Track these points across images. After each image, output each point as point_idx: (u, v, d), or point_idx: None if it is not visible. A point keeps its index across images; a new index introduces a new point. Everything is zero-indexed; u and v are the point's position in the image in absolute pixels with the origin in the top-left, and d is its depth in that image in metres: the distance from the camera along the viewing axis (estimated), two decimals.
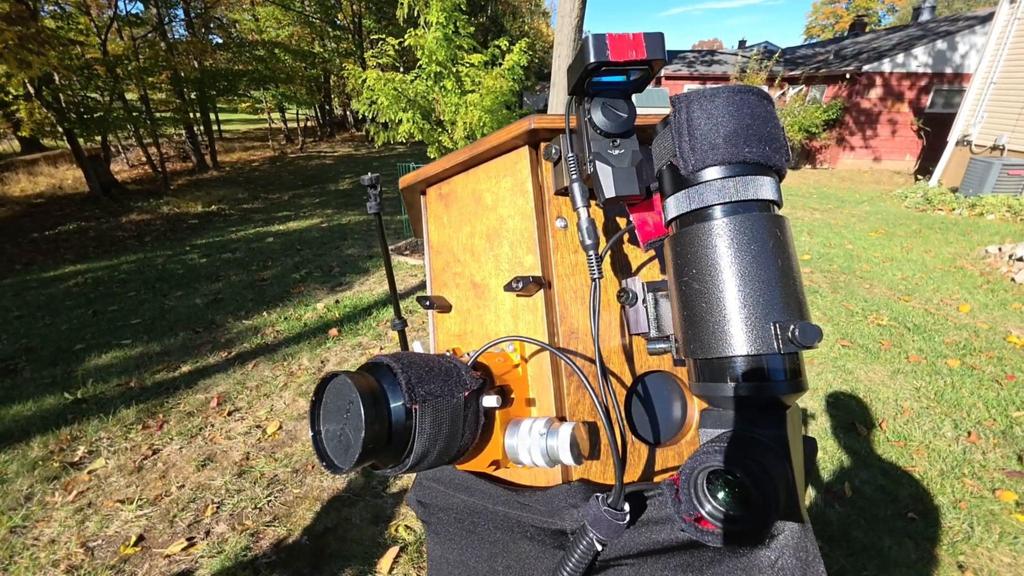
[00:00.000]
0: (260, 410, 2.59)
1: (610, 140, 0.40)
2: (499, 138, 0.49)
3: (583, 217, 0.41)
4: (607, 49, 0.35)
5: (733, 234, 0.33)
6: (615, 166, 0.40)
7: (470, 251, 0.56)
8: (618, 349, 0.50)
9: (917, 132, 11.98)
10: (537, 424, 0.42)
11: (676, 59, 16.84)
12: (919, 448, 2.20)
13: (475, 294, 0.56)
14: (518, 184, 0.50)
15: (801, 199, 8.35)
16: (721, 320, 0.33)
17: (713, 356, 0.33)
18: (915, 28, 14.14)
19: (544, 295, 0.48)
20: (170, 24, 13.36)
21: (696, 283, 0.34)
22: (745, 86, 0.35)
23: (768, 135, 0.34)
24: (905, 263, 4.70)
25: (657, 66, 0.37)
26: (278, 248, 5.90)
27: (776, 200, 0.35)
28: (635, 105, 0.41)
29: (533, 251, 0.49)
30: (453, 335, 0.59)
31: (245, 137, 20.41)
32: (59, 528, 1.86)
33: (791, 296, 0.32)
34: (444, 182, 0.59)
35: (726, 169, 0.34)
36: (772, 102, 0.36)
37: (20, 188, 11.30)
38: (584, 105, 0.40)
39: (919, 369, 2.81)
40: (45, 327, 3.75)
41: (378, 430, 0.35)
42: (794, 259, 0.34)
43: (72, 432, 2.43)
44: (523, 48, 4.99)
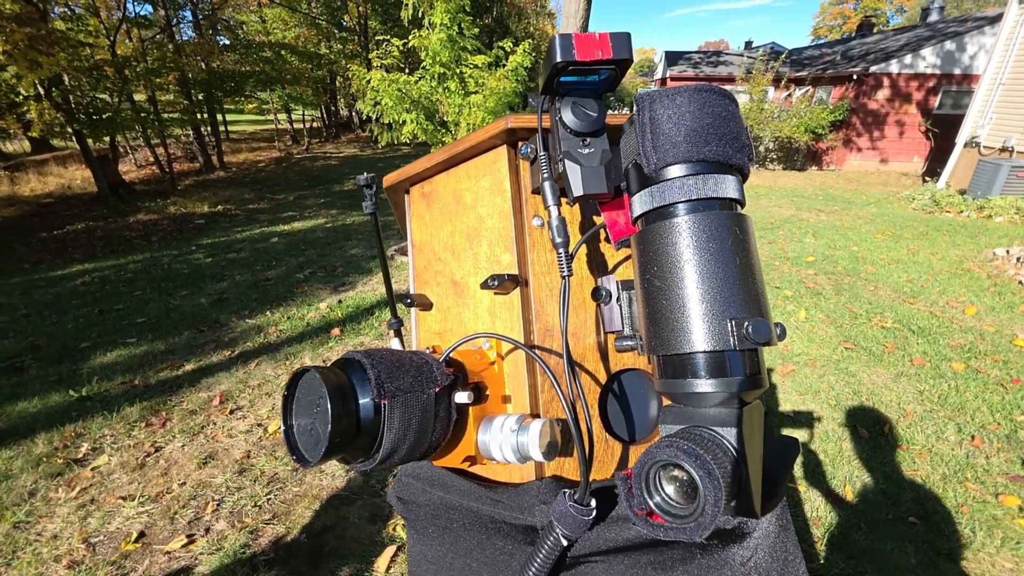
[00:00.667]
0: (262, 409, 2.60)
1: (580, 139, 0.41)
2: (478, 137, 0.49)
3: (553, 215, 0.42)
4: (573, 49, 0.35)
5: (693, 232, 0.33)
6: (584, 165, 0.40)
7: (451, 250, 0.57)
8: (593, 347, 0.50)
9: (925, 133, 11.88)
10: (509, 420, 0.42)
11: (681, 60, 16.81)
12: (921, 452, 2.18)
13: (455, 292, 0.56)
14: (496, 183, 0.51)
15: (807, 201, 8.30)
16: (681, 317, 0.33)
17: (673, 352, 0.34)
18: (923, 29, 14.03)
19: (520, 293, 0.49)
20: (178, 26, 13.50)
21: (658, 280, 0.34)
22: (707, 85, 0.35)
23: (729, 134, 0.34)
24: (911, 265, 4.66)
25: (625, 66, 0.37)
26: (282, 248, 5.94)
27: (738, 198, 0.35)
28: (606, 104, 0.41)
29: (510, 249, 0.49)
30: (434, 333, 0.60)
31: (251, 138, 20.57)
32: (62, 524, 1.88)
33: (749, 293, 0.33)
34: (426, 181, 0.60)
35: (688, 167, 0.34)
36: (735, 102, 0.36)
37: (30, 188, 11.44)
38: (556, 104, 0.41)
39: (923, 372, 2.78)
40: (52, 325, 3.79)
41: (346, 425, 0.35)
42: (754, 257, 0.34)
43: (76, 429, 2.45)
44: (527, 49, 4.99)
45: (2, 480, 2.11)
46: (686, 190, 0.34)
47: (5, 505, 1.97)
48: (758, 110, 11.64)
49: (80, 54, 9.62)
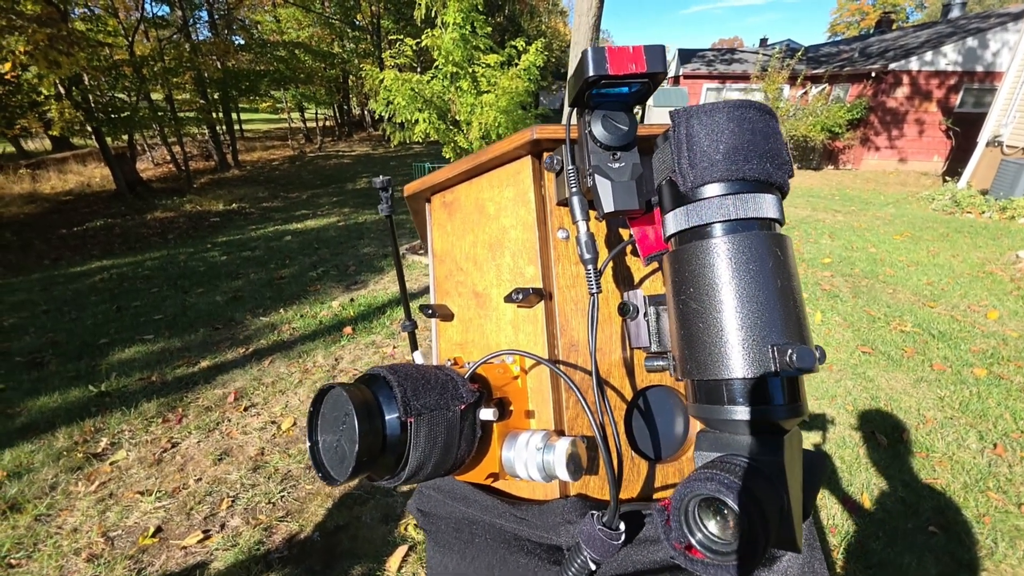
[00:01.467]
0: (275, 406, 2.63)
1: (610, 153, 0.40)
2: (502, 148, 0.48)
3: (582, 231, 0.41)
4: (606, 62, 0.34)
5: (732, 253, 0.32)
6: (614, 180, 0.39)
7: (472, 260, 0.56)
8: (619, 363, 0.49)
9: (946, 132, 11.63)
10: (534, 438, 0.42)
11: (695, 58, 16.62)
12: (942, 460, 2.13)
13: (476, 303, 0.56)
14: (520, 194, 0.50)
15: (823, 201, 8.17)
16: (718, 341, 0.32)
17: (710, 378, 0.33)
18: (944, 25, 13.71)
19: (544, 307, 0.48)
20: (194, 26, 13.67)
21: (694, 302, 0.34)
22: (746, 101, 0.34)
23: (769, 151, 0.33)
24: (931, 268, 4.56)
25: (659, 79, 0.36)
26: (296, 247, 6.00)
27: (778, 218, 0.34)
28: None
29: (534, 262, 0.48)
30: (455, 344, 0.59)
31: (266, 136, 20.80)
32: (81, 517, 1.92)
33: (790, 318, 0.32)
34: (448, 190, 0.59)
35: (726, 186, 0.33)
36: (775, 117, 0.35)
37: (51, 186, 11.68)
38: (585, 117, 0.40)
39: (943, 378, 2.72)
40: (71, 322, 3.87)
41: (372, 443, 0.35)
42: (795, 279, 0.33)
43: (95, 424, 2.50)
44: (539, 48, 4.97)
45: (24, 473, 2.15)
46: (724, 210, 0.33)
47: (27, 498, 2.01)
48: (773, 108, 11.47)
49: (99, 54, 9.81)
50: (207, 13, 13.78)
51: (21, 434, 2.42)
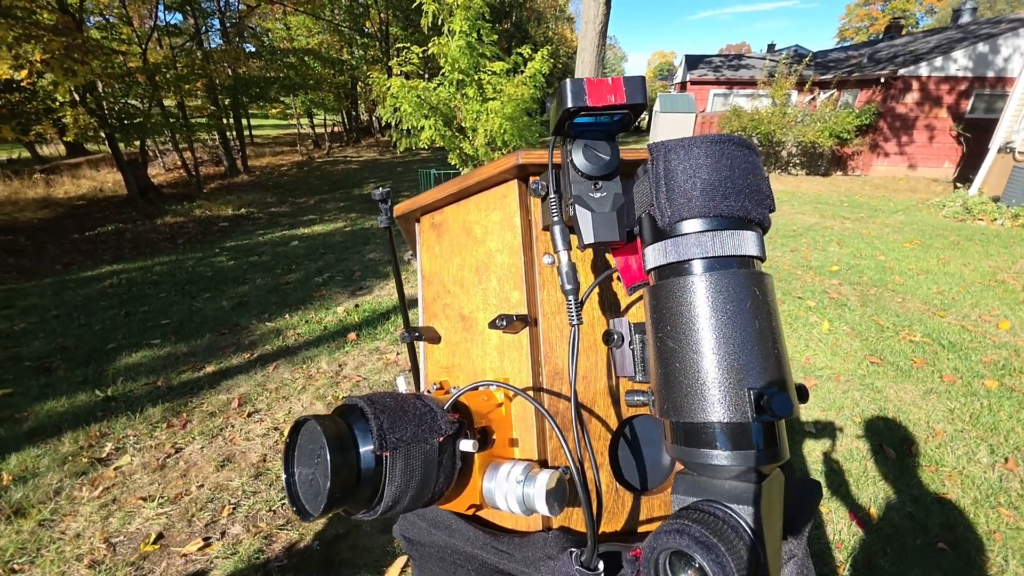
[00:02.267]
0: (279, 412, 2.64)
1: (592, 182, 0.39)
2: (488, 172, 0.48)
3: (563, 261, 0.40)
4: (585, 94, 0.34)
5: (709, 292, 0.32)
6: (595, 211, 0.39)
7: (460, 283, 0.56)
8: (604, 391, 0.48)
9: (956, 138, 11.50)
10: (515, 470, 0.41)
11: (702, 64, 16.62)
12: (952, 474, 2.09)
13: (463, 327, 0.55)
14: (507, 218, 0.50)
15: (831, 207, 8.10)
16: (695, 383, 0.32)
17: (687, 420, 0.32)
18: (955, 31, 13.60)
19: (529, 333, 0.47)
20: (206, 33, 13.89)
21: (671, 340, 0.33)
22: (726, 136, 0.33)
23: (749, 187, 0.33)
24: (941, 276, 4.50)
25: (639, 110, 0.36)
26: (302, 252, 6.04)
27: (758, 255, 0.34)
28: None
29: (519, 287, 0.48)
30: (442, 367, 0.59)
31: (275, 142, 21.03)
32: (84, 523, 1.93)
33: (769, 360, 0.31)
34: (437, 212, 0.59)
35: (704, 223, 0.33)
36: (755, 151, 0.35)
37: (64, 190, 11.88)
38: (566, 146, 0.40)
39: (953, 389, 2.68)
40: (80, 327, 3.92)
41: (346, 477, 0.34)
42: (775, 319, 0.33)
43: (101, 429, 2.52)
44: (545, 55, 5.00)
45: (30, 478, 2.17)
46: (702, 247, 0.32)
47: (31, 503, 2.03)
48: (780, 114, 11.43)
49: (113, 61, 9.98)
50: (219, 21, 13.99)
51: (28, 439, 2.45)
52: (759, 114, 11.57)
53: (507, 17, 23.35)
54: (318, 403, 2.70)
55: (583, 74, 6.97)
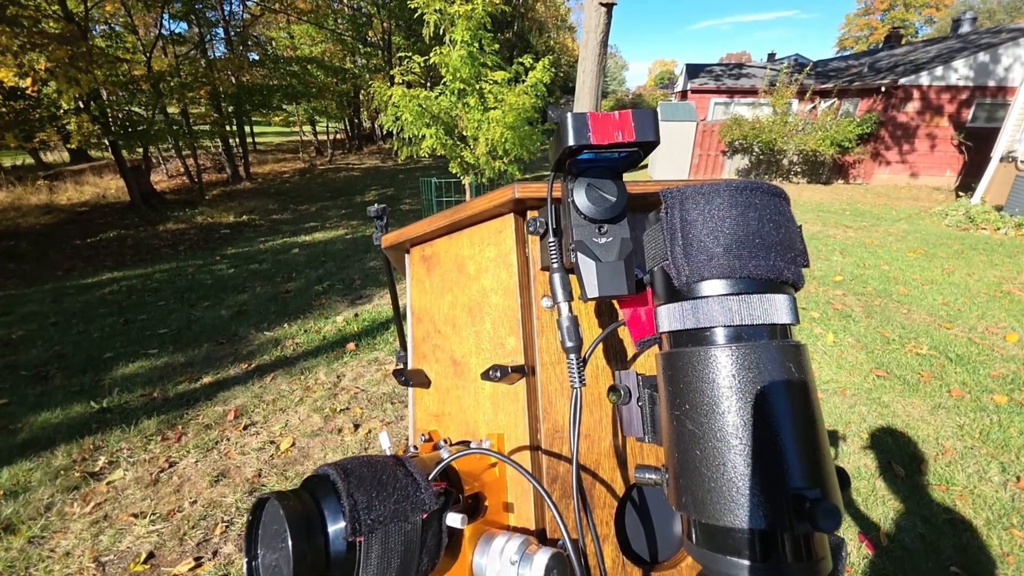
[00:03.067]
0: (275, 425, 2.60)
1: (596, 226, 0.35)
2: (481, 205, 0.44)
3: (564, 314, 0.36)
4: (588, 130, 0.30)
5: (736, 368, 0.27)
6: (600, 260, 0.35)
7: (451, 323, 0.52)
8: (609, 451, 0.44)
9: (958, 147, 11.50)
10: (510, 546, 0.37)
11: (703, 73, 16.68)
12: (963, 493, 2.04)
13: (454, 372, 0.51)
14: (502, 255, 0.45)
15: (833, 216, 8.08)
16: (719, 479, 0.27)
17: (709, 521, 0.28)
18: (955, 40, 13.65)
19: (526, 384, 0.43)
20: (211, 42, 14.00)
21: (690, 422, 0.28)
22: (752, 182, 0.29)
23: (780, 242, 0.29)
24: (946, 287, 4.45)
25: (650, 148, 0.32)
26: (303, 260, 6.02)
27: (791, 322, 0.29)
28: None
29: (515, 332, 0.44)
30: (431, 415, 0.55)
31: (278, 149, 21.13)
32: (75, 540, 1.88)
33: (809, 456, 0.26)
34: (427, 243, 0.55)
35: (728, 284, 0.28)
36: (787, 199, 0.30)
37: (67, 197, 11.91)
38: (567, 184, 0.36)
39: (962, 404, 2.63)
40: (78, 334, 3.89)
41: (313, 563, 0.30)
42: (813, 401, 0.28)
43: (95, 442, 2.48)
44: (546, 65, 5.00)
45: (21, 492, 2.13)
46: (727, 313, 0.28)
47: (22, 519, 1.99)
48: (782, 123, 11.44)
49: (118, 70, 10.05)
50: (223, 30, 14.11)
51: (21, 451, 2.41)
52: (760, 123, 11.59)
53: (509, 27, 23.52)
54: (315, 415, 2.66)
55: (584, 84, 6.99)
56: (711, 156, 12.20)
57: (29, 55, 7.02)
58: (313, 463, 2.27)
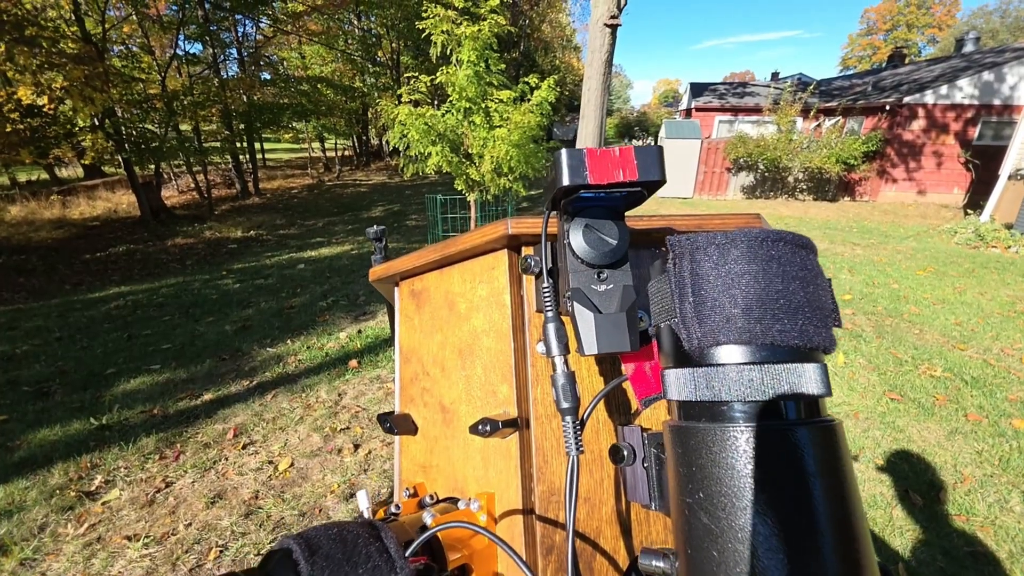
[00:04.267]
0: (274, 444, 2.56)
1: (594, 272, 0.32)
2: (473, 240, 0.41)
3: (559, 370, 0.32)
4: (585, 169, 0.27)
5: (760, 454, 0.23)
6: (600, 311, 0.31)
7: (440, 365, 0.48)
8: (611, 517, 0.39)
9: (965, 165, 11.46)
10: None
11: (707, 91, 16.83)
12: (984, 524, 1.95)
13: (443, 419, 0.47)
14: (494, 294, 0.42)
15: (840, 233, 8.03)
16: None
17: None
18: (959, 59, 13.72)
19: (520, 439, 0.39)
20: (224, 62, 14.34)
21: (705, 515, 0.24)
22: (774, 232, 0.25)
23: (810, 302, 0.25)
24: (958, 306, 4.37)
25: (654, 187, 0.29)
26: (308, 275, 6.04)
27: (822, 393, 0.25)
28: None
29: (508, 380, 0.40)
30: (418, 465, 0.50)
31: (287, 165, 21.44)
32: (67, 564, 1.84)
33: (848, 560, 0.23)
34: (417, 277, 0.52)
35: (748, 351, 0.24)
36: (814, 250, 0.26)
37: (80, 211, 12.10)
38: (564, 226, 0.32)
39: (980, 429, 2.54)
40: (81, 350, 3.89)
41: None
42: (853, 491, 0.24)
43: (92, 460, 2.45)
44: (552, 84, 5.05)
45: (15, 512, 2.10)
46: (747, 386, 0.24)
47: (15, 540, 1.95)
48: (787, 140, 11.48)
49: (133, 89, 10.29)
50: (236, 50, 14.45)
51: (17, 469, 2.38)
52: (765, 140, 11.63)
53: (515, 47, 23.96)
54: (315, 435, 2.62)
55: (589, 102, 7.03)
56: (716, 173, 12.22)
57: (47, 74, 7.21)
58: (311, 485, 2.23)
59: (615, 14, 6.25)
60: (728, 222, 0.40)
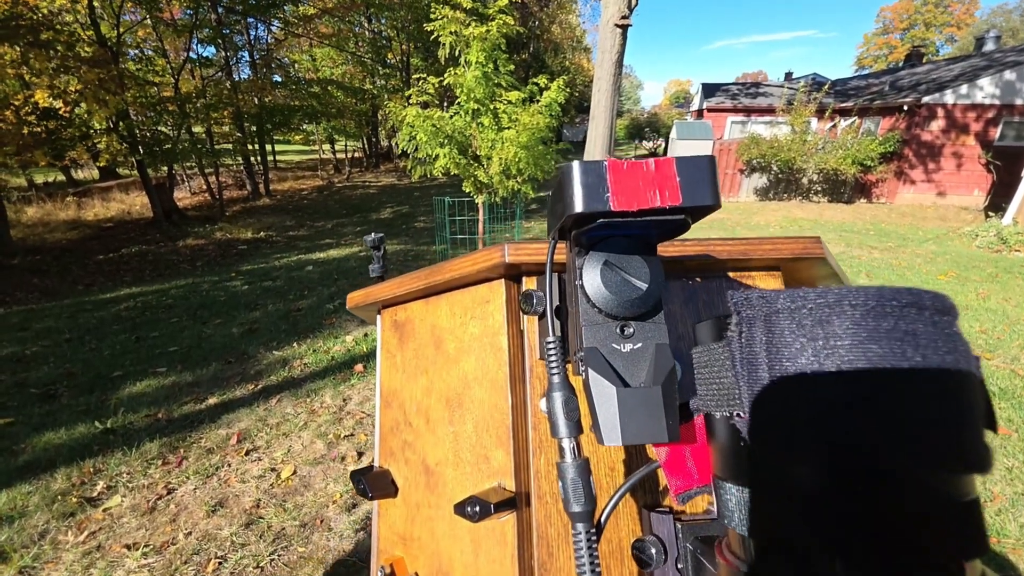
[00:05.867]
0: (277, 451, 2.52)
1: (617, 325, 0.24)
2: (463, 268, 0.33)
3: (568, 459, 0.24)
4: (607, 190, 0.20)
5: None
6: (625, 382, 0.23)
7: (424, 416, 0.40)
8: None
9: (986, 166, 11.17)
10: None
11: (719, 92, 16.66)
12: (1016, 547, 1.85)
13: (427, 483, 0.39)
14: (488, 334, 0.34)
15: (857, 236, 7.85)
16: None
17: None
18: (979, 59, 13.41)
19: (517, 521, 0.31)
20: (236, 65, 14.48)
21: None
22: (898, 290, 0.17)
23: (962, 411, 0.17)
24: (982, 313, 4.22)
25: (703, 213, 0.22)
26: (316, 277, 6.03)
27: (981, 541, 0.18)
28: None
29: (504, 445, 0.32)
30: (397, 535, 0.43)
31: (297, 167, 21.61)
32: (65, 573, 1.81)
33: None
34: (400, 306, 0.45)
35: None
36: (955, 314, 0.19)
37: (94, 213, 12.28)
38: (575, 260, 0.24)
39: (1009, 445, 2.43)
40: (90, 351, 3.90)
41: None
42: None
43: (95, 464, 2.43)
44: (561, 85, 4.99)
45: (17, 518, 2.08)
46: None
47: (15, 547, 1.93)
48: (801, 141, 11.29)
49: (147, 92, 10.42)
50: (248, 53, 14.59)
51: (21, 474, 2.37)
52: (779, 141, 11.45)
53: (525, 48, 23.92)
54: (319, 441, 2.58)
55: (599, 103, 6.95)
56: (728, 175, 12.06)
57: (62, 77, 7.31)
58: (313, 494, 2.18)
59: (626, 14, 6.17)
60: (781, 247, 0.33)
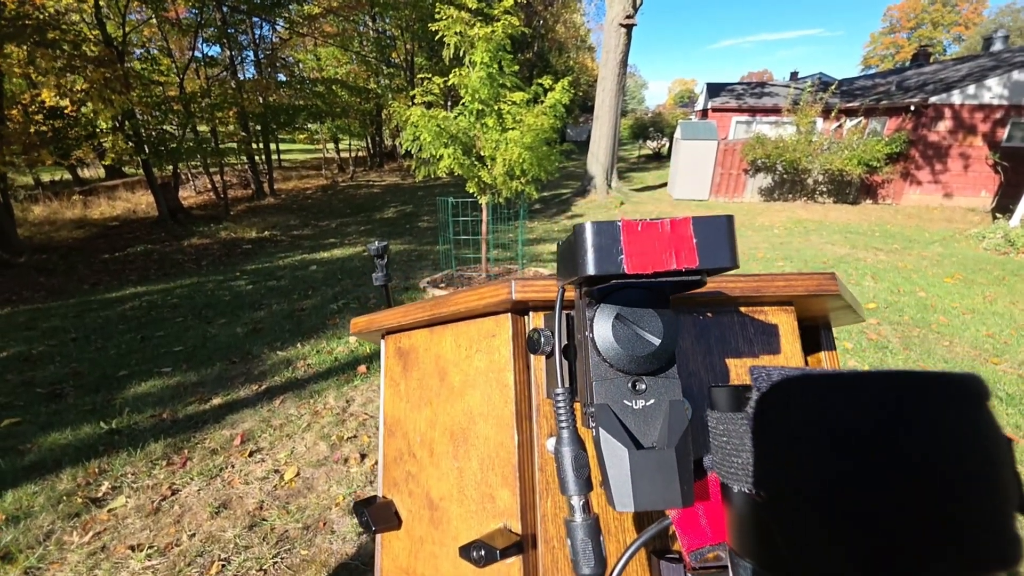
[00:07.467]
0: (281, 452, 2.53)
1: (628, 381, 0.23)
2: (469, 302, 0.32)
3: (577, 518, 0.23)
4: (620, 253, 0.19)
5: None
6: (638, 442, 0.22)
7: (428, 448, 0.40)
8: None
9: (993, 167, 11.07)
10: None
11: (724, 92, 16.59)
12: None
13: (430, 517, 0.39)
14: (494, 369, 0.33)
15: (862, 237, 7.80)
16: None
17: None
18: (987, 59, 13.29)
19: (523, 563, 0.31)
20: (241, 64, 14.52)
21: None
22: (925, 375, 0.16)
23: (995, 508, 0.16)
24: (989, 316, 4.19)
25: (721, 272, 0.21)
26: (320, 277, 6.04)
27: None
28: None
29: (510, 485, 0.32)
30: (400, 568, 0.42)
31: (302, 166, 21.67)
32: (70, 574, 1.82)
33: None
34: (404, 333, 0.45)
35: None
36: (987, 395, 0.17)
37: (100, 211, 12.35)
38: (585, 312, 0.23)
39: (1018, 451, 2.40)
40: (96, 351, 3.92)
41: None
42: None
43: (100, 465, 2.44)
44: (565, 86, 4.97)
45: (22, 519, 2.09)
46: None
47: (20, 547, 1.94)
48: (806, 142, 11.23)
49: (152, 91, 10.47)
50: (252, 53, 14.63)
51: (27, 474, 2.38)
52: (784, 141, 11.39)
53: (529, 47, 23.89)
54: (322, 443, 2.58)
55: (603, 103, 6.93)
56: (732, 175, 12.01)
57: (68, 77, 7.35)
58: (316, 496, 2.18)
59: (630, 14, 6.15)
60: (795, 284, 0.32)
